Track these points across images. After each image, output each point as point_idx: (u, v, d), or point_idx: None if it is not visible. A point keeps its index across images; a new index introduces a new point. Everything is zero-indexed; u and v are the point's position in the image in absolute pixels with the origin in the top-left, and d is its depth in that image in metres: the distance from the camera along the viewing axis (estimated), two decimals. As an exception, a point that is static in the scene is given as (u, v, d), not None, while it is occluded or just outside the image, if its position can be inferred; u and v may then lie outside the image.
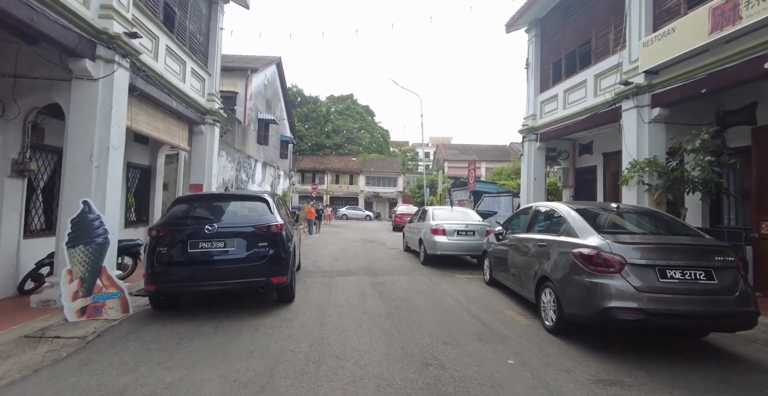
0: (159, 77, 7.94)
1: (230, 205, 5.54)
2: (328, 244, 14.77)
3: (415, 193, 41.03)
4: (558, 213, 5.04)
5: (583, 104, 10.15)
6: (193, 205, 5.47)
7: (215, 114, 10.84)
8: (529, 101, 13.08)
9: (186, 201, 5.56)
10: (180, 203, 5.45)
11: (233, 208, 5.48)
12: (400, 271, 8.72)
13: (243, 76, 21.20)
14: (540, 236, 5.16)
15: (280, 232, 5.34)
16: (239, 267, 4.96)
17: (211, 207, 5.46)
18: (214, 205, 5.50)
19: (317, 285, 7.06)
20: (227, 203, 5.57)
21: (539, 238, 5.13)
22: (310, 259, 10.42)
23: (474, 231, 9.08)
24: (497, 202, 15.04)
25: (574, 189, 13.00)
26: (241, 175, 19.27)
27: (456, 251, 9.00)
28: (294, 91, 56.48)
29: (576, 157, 12.94)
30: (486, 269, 7.49)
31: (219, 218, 5.22)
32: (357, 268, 8.94)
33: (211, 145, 10.90)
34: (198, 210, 5.38)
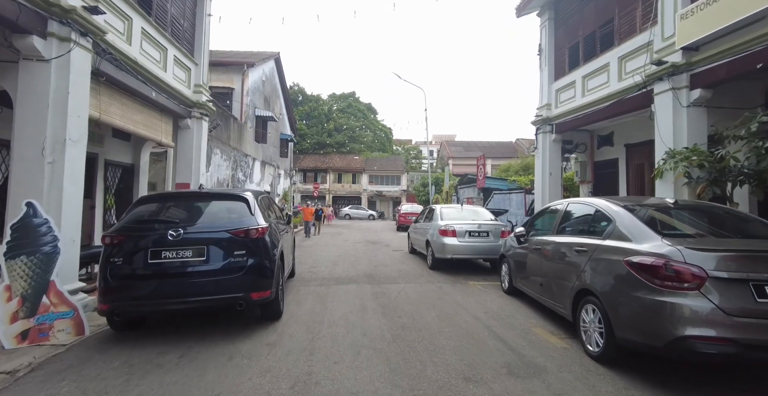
0: (133, 63, 7.07)
1: (202, 205, 4.65)
2: (329, 246, 13.89)
3: (420, 192, 40.11)
4: (600, 210, 4.11)
5: (605, 90, 9.20)
6: (159, 206, 4.59)
7: (203, 107, 9.98)
8: (542, 90, 12.13)
9: (150, 201, 4.68)
10: (143, 204, 4.56)
11: (206, 210, 4.59)
12: (406, 277, 7.82)
13: (239, 72, 20.38)
14: (576, 239, 4.25)
15: (262, 237, 4.46)
16: (211, 281, 4.08)
17: (180, 208, 4.57)
18: (184, 206, 4.62)
19: (311, 296, 6.18)
20: (199, 204, 4.68)
21: (576, 242, 4.21)
22: (307, 263, 9.54)
23: (488, 232, 8.16)
24: (508, 199, 14.10)
25: (593, 184, 12.03)
26: (238, 174, 18.44)
27: (468, 255, 8.09)
28: (295, 89, 55.64)
29: (594, 150, 11.98)
30: (504, 276, 6.58)
31: (188, 222, 4.34)
32: (358, 275, 8.05)
33: (198, 140, 10.04)
34: (163, 212, 4.50)
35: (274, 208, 6.30)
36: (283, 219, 7.03)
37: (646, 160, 9.78)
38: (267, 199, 6.08)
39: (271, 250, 4.66)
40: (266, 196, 6.13)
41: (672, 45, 6.90)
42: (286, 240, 6.25)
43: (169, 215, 4.43)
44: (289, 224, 7.12)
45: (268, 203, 5.94)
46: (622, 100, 8.55)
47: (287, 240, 6.39)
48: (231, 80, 20.35)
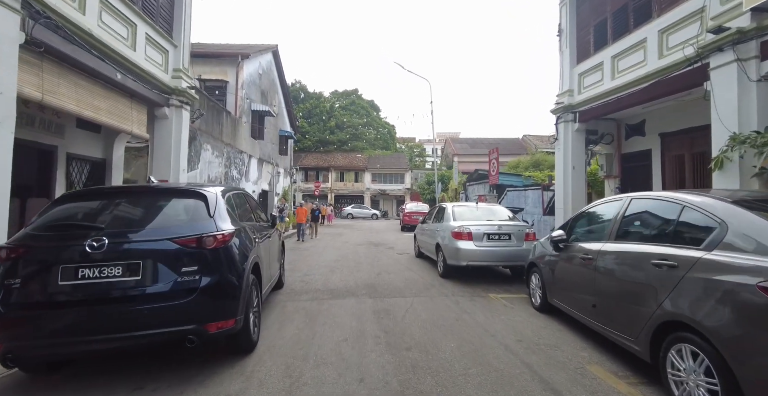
0: (88, 36, 5.94)
1: (144, 205, 3.50)
2: (327, 248, 12.74)
3: (424, 190, 38.92)
4: (694, 208, 2.91)
5: (640, 70, 7.98)
6: (84, 207, 3.42)
7: (183, 94, 8.85)
8: (563, 75, 10.90)
9: (74, 199, 3.51)
10: (63, 203, 3.40)
11: (148, 211, 3.44)
12: (414, 288, 6.65)
13: (233, 64, 19.25)
14: (656, 249, 3.05)
15: (224, 246, 3.31)
16: (147, 310, 2.94)
17: (113, 209, 3.41)
18: (119, 207, 3.45)
19: (299, 315, 5.02)
20: (140, 203, 3.52)
21: (655, 253, 3.02)
22: (300, 271, 8.38)
23: (509, 234, 6.97)
24: (523, 196, 12.89)
25: (620, 179, 10.80)
26: (232, 172, 17.34)
27: (487, 261, 6.90)
28: (297, 86, 54.54)
29: (622, 141, 10.74)
30: (534, 289, 5.40)
31: (119, 227, 3.19)
32: (357, 285, 6.89)
33: (178, 132, 8.91)
34: (89, 214, 3.34)
35: (252, 208, 5.14)
36: (265, 220, 5.88)
37: (687, 150, 8.56)
38: (241, 196, 4.93)
39: (239, 262, 3.51)
40: (240, 193, 4.98)
41: (737, 7, 5.67)
42: (268, 247, 5.09)
43: (96, 218, 3.27)
44: (273, 227, 5.97)
45: (242, 201, 4.78)
46: (664, 80, 7.33)
47: (269, 246, 5.24)
48: (225, 73, 19.23)
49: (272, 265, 5.49)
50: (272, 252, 5.55)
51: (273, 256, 5.63)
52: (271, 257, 5.43)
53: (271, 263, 5.35)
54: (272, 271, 5.46)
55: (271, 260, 5.34)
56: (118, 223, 3.24)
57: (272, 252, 5.55)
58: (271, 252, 5.45)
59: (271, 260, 5.34)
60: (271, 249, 5.38)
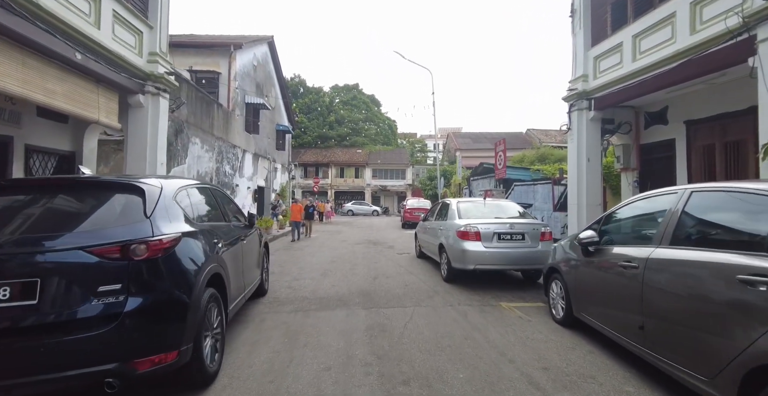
0: (36, 8, 5.13)
1: (58, 202, 2.70)
2: (323, 247, 11.96)
3: (426, 185, 38.08)
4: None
5: (668, 49, 7.13)
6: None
7: (160, 80, 8.03)
8: (576, 59, 10.02)
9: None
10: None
11: (62, 210, 2.65)
12: (415, 295, 5.85)
13: (225, 54, 18.40)
14: (747, 261, 2.22)
15: (163, 255, 2.54)
16: (46, 346, 2.14)
17: (13, 208, 2.61)
18: (22, 204, 2.65)
19: (278, 332, 4.23)
20: (52, 199, 2.73)
21: (746, 266, 2.20)
22: (290, 274, 7.59)
23: (523, 233, 6.15)
24: (532, 191, 12.05)
25: (639, 172, 9.96)
26: (224, 167, 16.55)
27: (497, 265, 6.08)
28: (296, 81, 53.63)
29: (640, 131, 9.89)
30: (556, 299, 4.59)
31: (14, 232, 2.40)
32: (351, 292, 6.10)
33: (155, 121, 8.10)
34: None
35: (221, 205, 4.32)
36: (242, 219, 5.08)
37: (718, 139, 7.70)
38: (206, 191, 4.12)
39: (188, 275, 2.72)
40: (205, 187, 4.19)
41: (794, -35, 4.82)
42: (240, 252, 4.30)
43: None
44: (252, 227, 5.17)
45: (206, 198, 3.98)
46: (696, 58, 6.48)
47: (243, 251, 4.44)
48: (217, 64, 18.39)
49: (248, 273, 4.70)
50: (248, 257, 4.75)
51: (250, 262, 4.84)
52: (247, 263, 4.64)
53: (246, 270, 4.56)
54: (248, 279, 4.67)
55: (246, 267, 4.55)
56: (14, 227, 2.44)
57: (248, 257, 4.75)
58: (247, 257, 4.65)
59: (246, 267, 4.55)
60: (246, 254, 4.58)
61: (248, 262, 4.76)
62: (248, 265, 4.74)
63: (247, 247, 4.67)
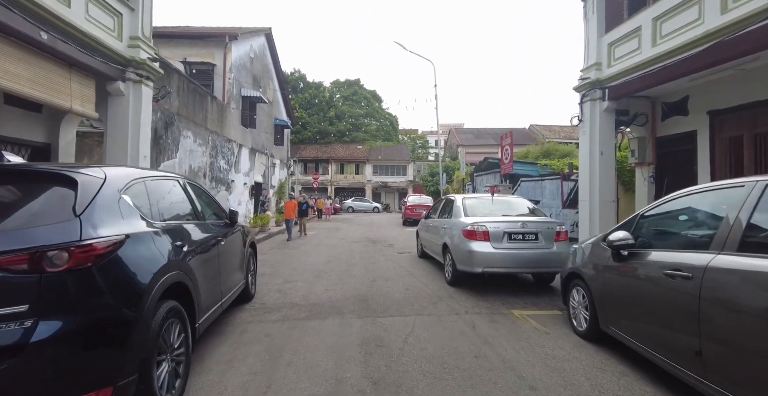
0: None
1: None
2: (320, 246, 11.40)
3: (427, 182, 37.49)
4: None
5: (694, 31, 6.52)
6: None
7: (142, 67, 7.44)
8: (588, 47, 9.40)
9: None
10: None
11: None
12: (416, 301, 5.28)
13: (221, 45, 17.80)
14: None
15: (95, 265, 1.97)
16: None
17: None
18: None
19: (258, 347, 3.67)
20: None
21: None
22: (281, 276, 7.03)
23: (536, 233, 5.56)
24: (540, 187, 11.47)
25: (655, 167, 9.35)
26: (219, 162, 15.98)
27: (508, 267, 5.50)
28: (296, 76, 52.91)
29: (657, 122, 9.27)
30: (577, 307, 4.02)
31: None
32: (346, 297, 5.53)
33: (137, 111, 7.52)
34: None
35: (192, 200, 3.74)
36: (222, 217, 4.51)
37: (747, 130, 7.08)
38: (173, 183, 3.54)
39: (132, 288, 2.18)
40: (172, 179, 3.60)
41: None
42: (215, 255, 3.73)
43: None
44: (233, 225, 4.60)
45: (174, 192, 3.41)
46: (727, 40, 5.87)
47: (220, 253, 3.88)
48: (212, 55, 17.79)
49: (228, 278, 4.14)
50: (228, 260, 4.19)
51: (230, 265, 4.28)
52: (226, 267, 4.08)
53: (225, 275, 4.00)
54: (228, 285, 4.10)
55: (224, 271, 3.98)
56: None
57: (228, 260, 4.19)
58: (227, 260, 4.09)
59: (224, 271, 3.98)
60: (225, 256, 4.02)
61: (228, 266, 4.20)
62: (228, 269, 4.18)
63: (226, 248, 4.10)
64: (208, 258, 3.52)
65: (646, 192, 9.42)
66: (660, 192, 9.12)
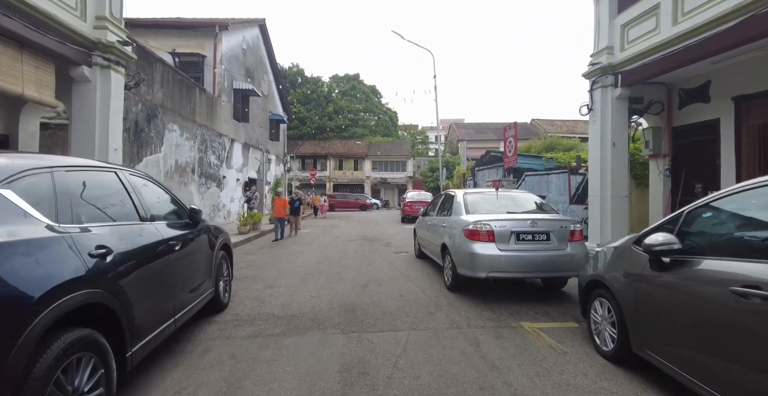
0: None
1: None
2: (312, 245, 10.75)
3: (427, 177, 36.81)
4: None
5: (721, 5, 5.83)
6: None
7: (110, 51, 6.76)
8: (599, 29, 8.69)
9: None
10: None
11: None
12: (411, 311, 4.63)
13: (210, 35, 17.09)
14: None
15: None
16: None
17: None
18: None
19: (219, 373, 3.02)
20: None
21: None
22: (264, 279, 6.39)
23: (547, 232, 4.90)
24: (545, 182, 10.80)
25: (671, 159, 8.68)
26: (208, 157, 15.32)
27: (516, 272, 4.84)
28: (294, 71, 52.14)
29: (674, 111, 8.59)
30: (601, 323, 3.37)
31: None
32: (332, 305, 4.89)
33: (105, 99, 6.85)
34: None
35: (135, 196, 3.07)
36: (183, 217, 3.86)
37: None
38: (104, 176, 2.87)
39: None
40: (106, 170, 2.94)
41: None
42: (168, 261, 3.09)
43: None
44: (196, 226, 3.95)
45: (103, 186, 2.75)
46: (762, 14, 5.19)
47: (176, 260, 3.23)
48: (201, 46, 17.08)
49: (184, 289, 3.48)
50: (187, 267, 3.54)
51: (191, 273, 3.63)
52: (183, 276, 3.43)
53: (180, 286, 3.35)
54: (183, 299, 3.44)
55: (178, 282, 3.33)
56: None
57: (187, 267, 3.54)
58: (184, 268, 3.44)
59: (178, 282, 3.33)
60: (179, 264, 3.36)
61: (187, 274, 3.54)
62: (186, 279, 3.52)
63: (184, 254, 3.45)
64: (152, 267, 2.86)
65: (661, 186, 8.76)
66: (676, 186, 8.45)
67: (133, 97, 10.23)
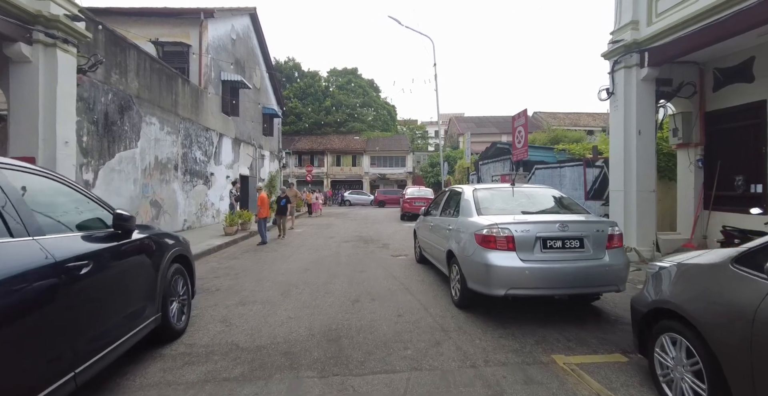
0: None
1: None
2: (303, 247, 9.79)
3: (427, 173, 35.85)
4: None
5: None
6: None
7: (56, 26, 5.76)
8: (621, 1, 7.70)
9: None
10: None
11: None
12: (411, 340, 3.68)
13: (195, 23, 16.02)
14: None
15: None
16: None
17: None
18: None
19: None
20: None
21: None
22: (240, 293, 5.44)
23: (580, 237, 3.93)
24: (558, 175, 9.84)
25: (704, 147, 7.71)
26: (194, 153, 14.31)
27: (544, 288, 3.85)
28: (290, 65, 50.94)
29: (707, 93, 7.61)
30: (674, 368, 2.41)
31: None
32: (312, 332, 3.93)
33: (51, 84, 5.85)
34: None
35: (8, 202, 2.12)
36: (104, 225, 2.90)
37: None
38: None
39: None
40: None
41: None
42: (65, 290, 2.14)
43: None
44: (126, 235, 2.99)
45: None
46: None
47: (83, 287, 2.28)
48: (186, 35, 16.01)
49: (101, 323, 2.53)
50: (102, 293, 2.58)
51: (111, 300, 2.68)
52: (96, 306, 2.48)
53: (89, 323, 2.40)
54: (95, 339, 2.48)
55: (88, 316, 2.38)
56: None
57: (102, 293, 2.58)
58: (94, 295, 2.48)
59: (88, 316, 2.38)
60: (92, 289, 2.41)
61: (106, 304, 2.60)
62: (104, 310, 2.57)
63: (101, 277, 2.49)
64: (25, 307, 1.91)
65: (692, 179, 7.79)
66: (710, 179, 7.49)
67: (104, 86, 9.25)
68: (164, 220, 11.94)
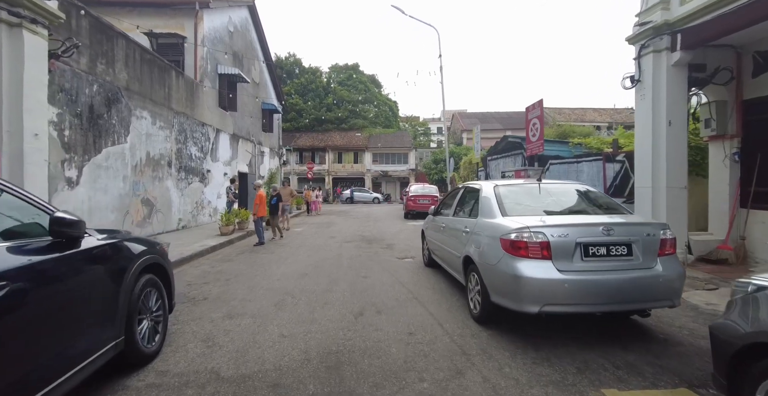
0: None
1: None
2: (302, 248, 9.18)
3: (431, 169, 35.19)
4: None
5: None
6: None
7: (21, 4, 5.14)
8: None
9: None
10: None
11: None
12: (426, 367, 3.06)
13: (191, 14, 15.37)
14: None
15: None
16: None
17: None
18: None
19: None
20: None
21: None
22: (229, 302, 4.83)
23: (627, 243, 3.28)
24: (575, 171, 9.18)
25: (741, 140, 7.03)
26: (189, 149, 13.69)
27: (587, 304, 3.21)
28: (291, 60, 50.19)
29: (744, 80, 6.93)
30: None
31: None
32: (308, 355, 3.32)
33: (17, 68, 5.24)
34: None
35: None
36: (40, 232, 2.28)
37: None
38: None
39: None
40: None
41: None
42: None
43: None
44: (73, 244, 2.37)
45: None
46: None
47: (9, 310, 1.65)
48: (181, 26, 15.36)
49: (46, 351, 1.91)
50: (37, 321, 1.97)
51: (51, 329, 2.07)
52: (16, 341, 1.86)
53: (13, 355, 1.79)
54: (43, 370, 1.88)
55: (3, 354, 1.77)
56: None
57: (37, 321, 1.97)
58: (22, 326, 1.87)
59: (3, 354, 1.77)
60: (18, 319, 1.80)
61: (38, 332, 1.98)
62: (29, 342, 1.95)
63: (29, 295, 1.89)
64: None
65: (726, 174, 7.11)
66: (748, 174, 6.82)
67: (89, 77, 8.63)
68: (157, 219, 11.36)
